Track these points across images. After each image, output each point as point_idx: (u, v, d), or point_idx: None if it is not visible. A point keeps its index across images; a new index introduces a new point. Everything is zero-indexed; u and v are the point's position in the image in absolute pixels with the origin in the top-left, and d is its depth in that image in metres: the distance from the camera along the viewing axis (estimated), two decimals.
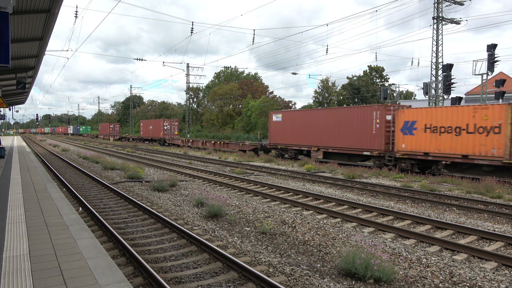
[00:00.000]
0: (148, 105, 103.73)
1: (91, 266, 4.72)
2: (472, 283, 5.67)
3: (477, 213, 10.55)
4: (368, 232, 8.47)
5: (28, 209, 8.02)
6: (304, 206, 10.98)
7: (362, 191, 13.91)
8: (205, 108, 79.11)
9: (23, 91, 25.34)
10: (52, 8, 9.87)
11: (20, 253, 5.22)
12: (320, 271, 6.12)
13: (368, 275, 5.58)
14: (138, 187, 14.78)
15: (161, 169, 21.04)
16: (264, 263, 6.44)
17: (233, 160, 26.31)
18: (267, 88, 72.62)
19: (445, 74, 27.74)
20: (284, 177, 17.87)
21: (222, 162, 24.92)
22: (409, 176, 17.47)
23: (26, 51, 14.89)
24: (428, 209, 11.00)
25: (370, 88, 53.21)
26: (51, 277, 4.37)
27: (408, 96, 65.82)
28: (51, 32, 12.04)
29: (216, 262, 6.38)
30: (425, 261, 6.58)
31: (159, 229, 8.61)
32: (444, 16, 30.69)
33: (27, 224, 6.74)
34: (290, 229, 8.58)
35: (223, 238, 7.92)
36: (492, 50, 24.93)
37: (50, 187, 11.18)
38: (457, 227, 8.60)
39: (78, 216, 7.46)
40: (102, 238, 7.76)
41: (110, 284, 4.21)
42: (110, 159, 25.81)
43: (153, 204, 11.41)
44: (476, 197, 12.65)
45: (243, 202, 11.60)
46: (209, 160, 26.47)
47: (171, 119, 53.01)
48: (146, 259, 6.48)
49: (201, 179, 16.93)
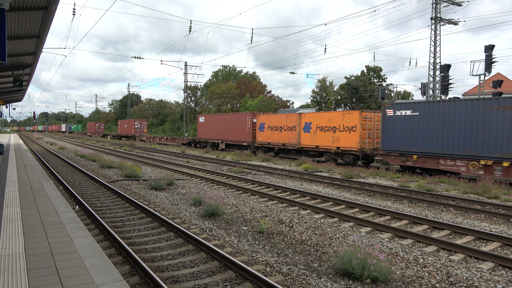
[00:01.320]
0: (145, 104, 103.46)
1: (87, 265, 4.69)
2: (469, 283, 5.68)
3: (474, 213, 10.58)
4: (365, 232, 8.48)
5: (24, 207, 7.98)
6: (302, 205, 10.97)
7: (360, 191, 13.92)
8: (203, 107, 79.00)
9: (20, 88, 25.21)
10: (50, 5, 9.80)
11: (16, 251, 5.18)
12: (317, 270, 6.12)
13: (365, 275, 5.57)
14: (135, 185, 14.73)
15: (158, 168, 21.00)
16: (261, 263, 6.42)
17: (231, 159, 26.29)
18: (265, 87, 72.61)
19: (443, 74, 27.79)
20: (281, 176, 17.86)
21: (219, 161, 24.89)
22: (406, 176, 17.52)
23: (23, 48, 14.80)
24: (425, 209, 11.02)
25: (368, 88, 53.26)
26: (47, 276, 4.34)
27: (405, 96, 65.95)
28: (48, 30, 11.96)
29: (213, 261, 6.36)
30: (422, 261, 6.59)
31: (156, 228, 8.58)
32: (442, 17, 30.76)
33: (23, 222, 6.70)
34: (287, 228, 8.57)
35: (220, 237, 7.91)
36: (489, 51, 25.00)
37: (47, 185, 11.12)
38: (454, 227, 8.62)
39: (75, 215, 7.42)
40: (98, 236, 7.73)
41: (106, 283, 4.18)
42: (108, 157, 25.72)
43: (150, 203, 11.37)
44: (473, 198, 12.69)
45: (240, 201, 11.59)
46: (207, 159, 26.43)
47: (140, 119, 63.54)
48: (142, 258, 6.45)
49: (198, 178, 16.90)
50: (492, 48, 25.03)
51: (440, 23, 30.78)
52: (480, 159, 15.62)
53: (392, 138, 19.06)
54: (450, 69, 27.61)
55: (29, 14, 10.60)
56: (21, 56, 16.09)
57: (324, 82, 60.88)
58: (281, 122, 27.47)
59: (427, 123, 17.52)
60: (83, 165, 21.89)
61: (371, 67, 57.55)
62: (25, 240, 5.71)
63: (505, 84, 31.37)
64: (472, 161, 15.89)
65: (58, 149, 36.16)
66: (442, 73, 28.06)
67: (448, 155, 16.77)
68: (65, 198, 9.70)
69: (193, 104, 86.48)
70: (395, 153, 18.99)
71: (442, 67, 28.20)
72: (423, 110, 17.78)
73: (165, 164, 22.85)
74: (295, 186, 14.71)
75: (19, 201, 8.56)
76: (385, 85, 53.00)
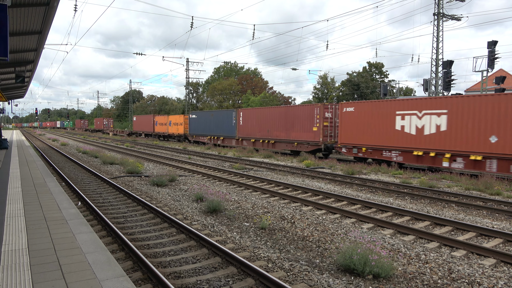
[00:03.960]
0: (147, 100, 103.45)
1: (90, 261, 4.71)
2: (471, 280, 5.68)
3: (476, 209, 10.56)
4: (367, 228, 8.48)
5: (27, 203, 8.01)
6: (303, 201, 10.98)
7: (361, 187, 13.91)
8: (205, 103, 78.98)
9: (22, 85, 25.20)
10: (51, 1, 9.79)
11: (19, 247, 5.21)
12: (319, 266, 6.13)
13: (366, 270, 5.58)
14: (137, 181, 14.77)
15: (160, 164, 21.03)
16: (263, 259, 6.44)
17: (232, 155, 26.29)
18: (266, 83, 72.54)
19: (445, 70, 27.68)
20: (283, 172, 17.87)
21: (221, 157, 24.90)
22: (408, 172, 17.51)
23: (25, 45, 14.80)
24: (427, 206, 11.01)
25: (370, 84, 53.10)
26: (50, 272, 4.37)
27: (408, 92, 65.75)
28: (50, 26, 11.96)
29: (215, 257, 6.38)
30: (424, 257, 6.59)
31: (158, 224, 8.61)
32: (445, 13, 30.58)
33: (26, 218, 6.73)
34: (289, 224, 8.59)
35: (222, 233, 7.93)
36: (492, 47, 24.88)
37: (49, 181, 11.16)
38: (456, 224, 8.61)
39: (77, 211, 7.45)
40: (101, 232, 7.76)
41: (109, 278, 4.20)
42: (110, 153, 25.78)
43: (152, 199, 11.40)
44: (475, 194, 12.67)
45: (242, 198, 11.60)
46: (208, 155, 26.45)
47: (108, 118, 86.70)
48: (145, 253, 6.48)
49: (200, 174, 16.93)
50: (495, 44, 24.89)
51: (442, 19, 30.60)
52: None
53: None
54: (452, 65, 27.51)
55: (31, 10, 10.59)
56: (23, 53, 16.10)
57: (326, 78, 60.72)
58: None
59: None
60: (85, 161, 21.94)
61: (372, 63, 57.36)
62: (28, 236, 5.73)
63: (508, 80, 31.21)
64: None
65: (60, 146, 36.24)
66: (444, 69, 27.95)
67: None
68: (67, 194, 9.73)
69: (195, 100, 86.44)
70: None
71: (444, 63, 28.09)
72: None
73: (167, 160, 22.89)
74: (297, 183, 14.71)
75: (22, 197, 8.59)
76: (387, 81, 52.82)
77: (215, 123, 35.63)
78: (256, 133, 30.04)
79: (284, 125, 27.13)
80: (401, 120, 18.54)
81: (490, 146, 15.17)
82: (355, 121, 20.87)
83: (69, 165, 19.87)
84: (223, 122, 34.44)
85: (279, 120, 27.55)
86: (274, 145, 28.23)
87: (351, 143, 21.21)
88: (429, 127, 17.34)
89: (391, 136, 19.05)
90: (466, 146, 15.97)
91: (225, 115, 34.31)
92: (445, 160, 16.74)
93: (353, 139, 21.09)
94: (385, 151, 19.39)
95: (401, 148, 18.59)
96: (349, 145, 21.43)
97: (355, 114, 20.87)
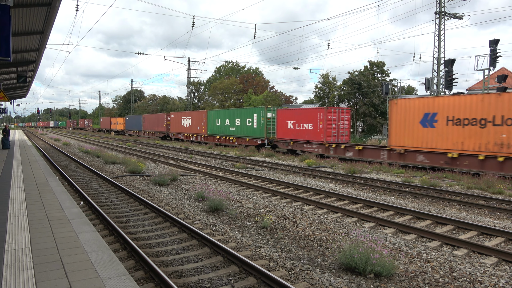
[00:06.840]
0: (149, 99, 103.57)
1: (93, 260, 4.74)
2: (472, 278, 5.68)
3: (477, 208, 10.56)
4: (369, 227, 8.49)
5: (29, 202, 8.05)
6: (305, 201, 10.99)
7: (363, 186, 13.92)
8: (206, 102, 79.01)
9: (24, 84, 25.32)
10: (53, 1, 9.83)
11: (22, 246, 5.24)
12: (320, 265, 6.15)
13: (368, 269, 5.59)
14: (139, 181, 14.81)
15: (162, 163, 21.07)
16: (265, 258, 6.46)
17: (234, 154, 26.32)
18: (268, 82, 72.50)
19: (447, 69, 27.60)
20: (285, 172, 17.88)
21: (223, 156, 24.93)
22: (410, 171, 17.50)
23: (27, 45, 14.85)
24: (428, 205, 11.01)
25: (371, 83, 53.00)
26: (53, 271, 4.39)
27: (409, 91, 65.60)
28: (52, 26, 12.00)
29: (217, 256, 6.40)
30: (425, 256, 6.60)
31: (160, 223, 8.64)
32: (446, 11, 30.51)
33: (29, 218, 6.77)
34: (290, 223, 8.60)
35: (224, 232, 7.95)
36: (494, 45, 24.80)
37: (52, 180, 11.20)
38: (458, 223, 8.61)
39: (80, 210, 7.48)
40: (103, 232, 7.80)
41: (112, 277, 4.23)
42: (111, 153, 25.83)
43: (154, 198, 11.44)
44: (477, 193, 12.66)
45: (243, 197, 11.62)
46: (210, 155, 26.48)
47: (88, 119, 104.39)
48: (147, 252, 6.51)
49: (202, 174, 16.96)
50: (497, 42, 24.81)
51: (444, 17, 30.53)
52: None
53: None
54: (454, 63, 27.42)
55: (33, 10, 10.63)
56: (25, 53, 16.16)
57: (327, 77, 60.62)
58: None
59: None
60: (87, 160, 22.01)
61: (374, 62, 57.25)
62: (31, 235, 5.77)
63: (510, 79, 31.09)
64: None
65: (62, 145, 36.34)
66: (446, 68, 27.87)
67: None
68: (69, 194, 9.76)
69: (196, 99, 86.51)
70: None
71: (446, 62, 28.00)
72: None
73: (169, 160, 22.93)
74: (298, 182, 14.72)
75: (25, 197, 8.63)
76: (389, 80, 52.71)
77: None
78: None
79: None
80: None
81: None
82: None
83: (71, 164, 19.93)
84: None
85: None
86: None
87: (284, 138, 27.35)
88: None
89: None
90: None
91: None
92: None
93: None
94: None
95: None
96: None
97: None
